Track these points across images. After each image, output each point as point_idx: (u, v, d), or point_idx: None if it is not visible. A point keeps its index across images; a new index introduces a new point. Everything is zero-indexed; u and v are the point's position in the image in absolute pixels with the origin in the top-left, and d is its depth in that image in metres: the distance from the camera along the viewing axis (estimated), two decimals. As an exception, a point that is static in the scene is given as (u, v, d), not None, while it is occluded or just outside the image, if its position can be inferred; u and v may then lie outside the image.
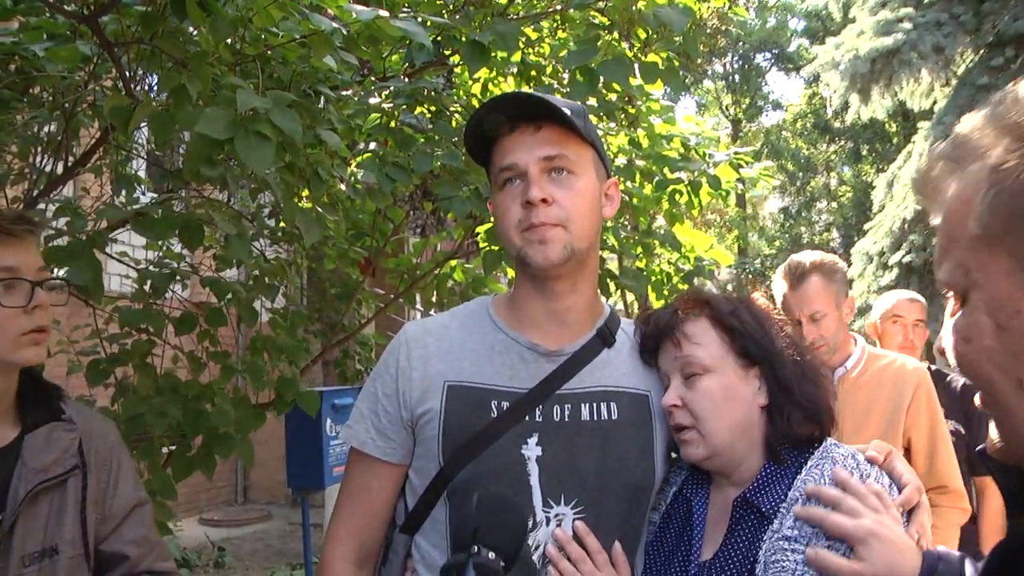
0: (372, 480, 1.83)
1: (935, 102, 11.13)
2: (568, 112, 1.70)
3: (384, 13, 2.11)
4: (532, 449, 1.72)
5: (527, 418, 1.73)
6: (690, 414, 1.71)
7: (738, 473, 1.72)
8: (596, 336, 1.83)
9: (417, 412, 1.77)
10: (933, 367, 4.02)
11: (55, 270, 2.42)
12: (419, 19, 2.48)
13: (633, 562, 1.77)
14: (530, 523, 1.69)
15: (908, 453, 3.15)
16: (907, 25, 10.23)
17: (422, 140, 3.27)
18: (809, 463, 1.66)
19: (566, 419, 1.75)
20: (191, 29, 2.35)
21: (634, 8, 2.69)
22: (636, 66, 2.87)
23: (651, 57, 2.98)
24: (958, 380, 3.94)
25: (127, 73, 2.42)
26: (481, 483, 1.66)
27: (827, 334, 3.12)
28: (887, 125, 21.38)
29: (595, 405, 1.77)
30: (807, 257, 3.19)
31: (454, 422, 1.73)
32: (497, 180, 1.77)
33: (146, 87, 2.79)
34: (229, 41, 2.38)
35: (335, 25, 2.06)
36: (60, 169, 3.18)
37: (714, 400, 1.70)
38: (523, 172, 1.71)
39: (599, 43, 2.64)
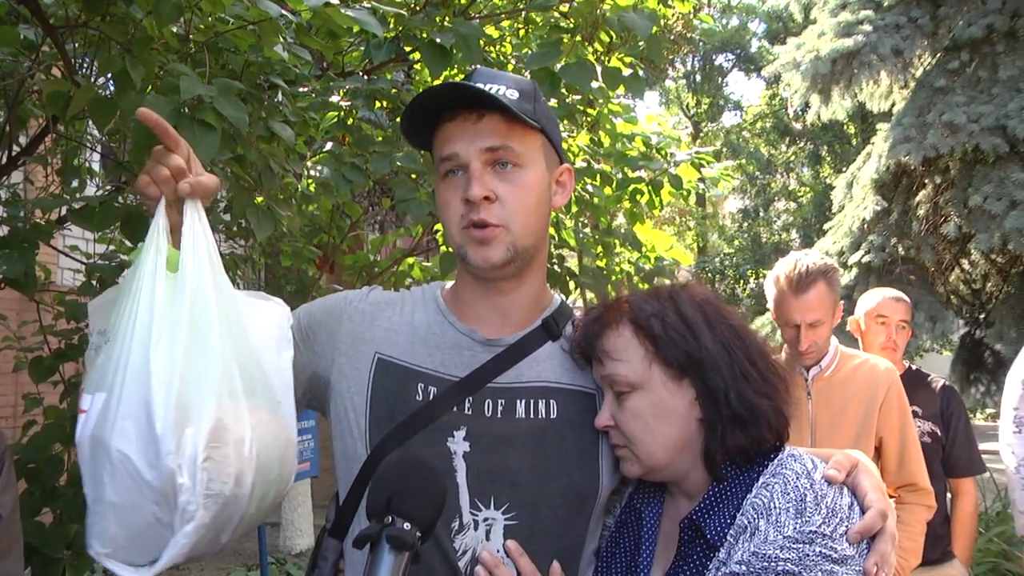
0: None
1: (894, 104, 11.23)
2: (516, 94, 1.61)
3: (335, 1, 2.05)
4: (459, 443, 1.61)
5: (455, 409, 1.62)
6: (622, 435, 1.59)
7: (686, 484, 1.60)
8: (540, 327, 1.71)
9: (340, 363, 1.70)
10: (913, 367, 4.03)
11: None
12: (377, 13, 2.43)
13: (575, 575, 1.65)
14: (456, 524, 1.58)
15: (878, 452, 3.18)
16: (867, 27, 10.30)
17: (380, 139, 3.22)
18: (760, 480, 1.50)
19: (498, 415, 1.63)
20: (140, 15, 2.28)
21: (598, 12, 2.65)
22: (599, 70, 2.84)
23: (614, 62, 2.96)
24: (937, 381, 3.97)
25: (72, 59, 2.34)
26: None
27: (820, 340, 3.12)
28: (846, 126, 21.59)
29: (532, 402, 1.65)
30: (811, 261, 3.10)
31: (381, 404, 1.64)
32: (439, 169, 1.66)
33: (92, 74, 2.70)
34: (180, 27, 2.32)
35: (282, 11, 2.00)
36: (4, 158, 3.08)
37: (644, 420, 1.56)
38: (464, 164, 1.60)
39: (561, 46, 2.61)
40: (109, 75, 2.45)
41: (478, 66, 1.87)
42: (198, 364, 1.42)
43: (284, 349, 1.62)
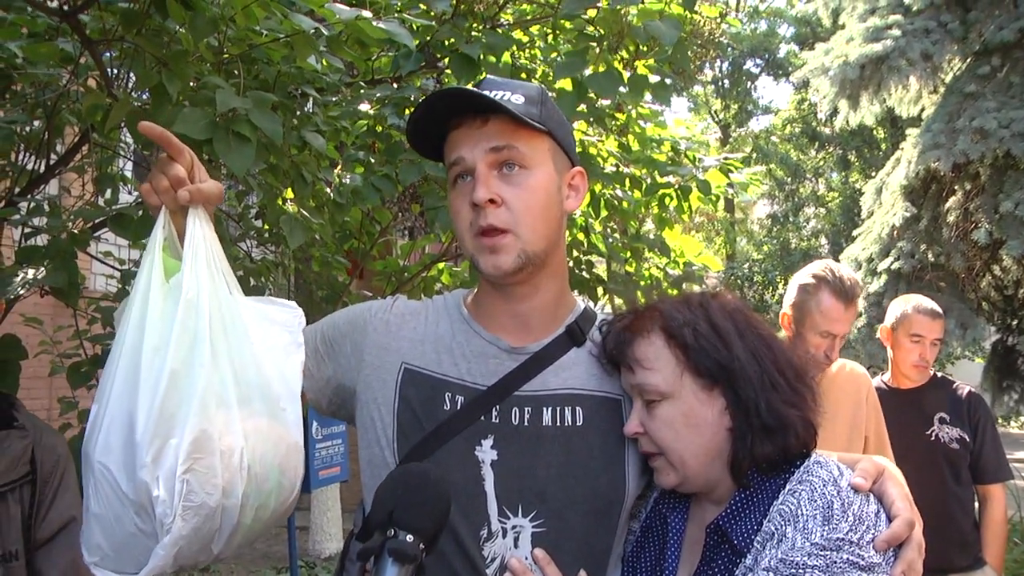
0: None
1: (923, 109, 11.13)
2: (521, 99, 1.62)
3: (367, 14, 2.08)
4: (487, 452, 1.61)
5: (482, 418, 1.63)
6: (653, 443, 1.59)
7: (715, 493, 1.60)
8: (564, 334, 1.72)
9: (366, 374, 1.71)
10: (939, 374, 4.03)
11: (30, 270, 2.39)
12: (405, 24, 2.46)
13: None
14: (484, 532, 1.59)
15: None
16: (896, 32, 10.20)
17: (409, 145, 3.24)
18: (787, 486, 1.50)
19: (525, 423, 1.63)
20: (176, 28, 2.32)
21: (624, 21, 2.66)
22: (625, 78, 2.84)
23: (640, 70, 2.96)
24: (963, 388, 3.96)
25: (109, 72, 2.38)
26: None
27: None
28: (875, 131, 21.41)
29: (558, 409, 1.65)
30: (852, 276, 3.12)
31: (408, 414, 1.65)
32: (449, 176, 1.68)
33: (129, 86, 2.75)
34: (214, 41, 2.35)
35: (316, 25, 2.03)
36: (43, 168, 3.14)
37: (675, 429, 1.56)
38: (471, 168, 1.61)
39: (588, 55, 2.61)
40: (138, 84, 2.49)
41: (487, 75, 1.88)
42: (184, 375, 1.41)
43: (293, 354, 1.62)
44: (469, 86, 1.71)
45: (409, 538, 1.27)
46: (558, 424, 1.65)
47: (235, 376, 1.46)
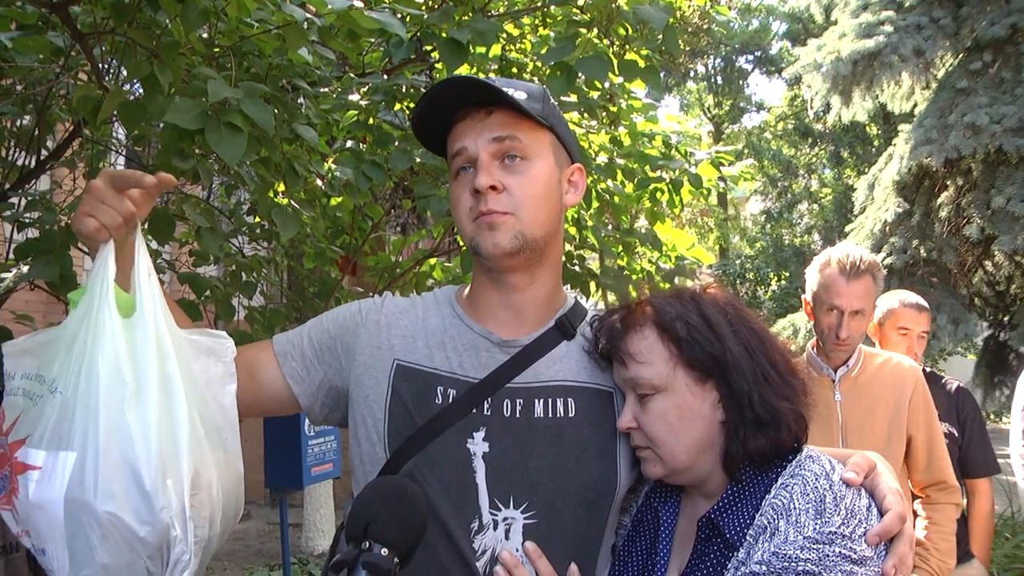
0: (264, 372, 1.77)
1: (915, 104, 11.15)
2: (524, 95, 1.64)
3: (359, 4, 2.08)
4: (478, 444, 1.62)
5: (474, 411, 1.63)
6: (646, 437, 1.59)
7: (706, 486, 1.61)
8: (554, 327, 1.72)
9: (358, 373, 1.71)
10: (927, 369, 4.05)
11: (23, 265, 2.38)
12: (397, 15, 2.45)
13: (593, 574, 1.67)
14: (475, 525, 1.59)
15: (908, 450, 3.19)
16: (888, 28, 10.23)
17: (400, 136, 3.24)
18: (779, 480, 1.51)
19: (517, 415, 1.64)
20: (167, 21, 2.31)
21: (614, 5, 2.66)
22: (615, 64, 2.84)
23: (630, 55, 2.96)
24: (951, 383, 4.00)
25: (100, 64, 2.37)
26: (423, 476, 1.58)
27: (857, 333, 3.12)
28: (868, 127, 21.43)
29: (550, 401, 1.66)
30: (863, 252, 3.14)
31: (400, 408, 1.66)
32: (451, 168, 1.70)
33: (120, 79, 2.74)
34: (204, 33, 2.35)
35: (308, 15, 2.02)
36: (33, 162, 3.13)
37: (668, 422, 1.56)
38: (473, 158, 1.63)
39: (577, 40, 2.61)
40: (136, 80, 2.49)
41: (491, 76, 1.90)
42: (169, 414, 1.43)
43: (228, 384, 1.63)
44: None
45: (384, 552, 1.27)
46: (550, 415, 1.65)
47: (199, 411, 1.49)
